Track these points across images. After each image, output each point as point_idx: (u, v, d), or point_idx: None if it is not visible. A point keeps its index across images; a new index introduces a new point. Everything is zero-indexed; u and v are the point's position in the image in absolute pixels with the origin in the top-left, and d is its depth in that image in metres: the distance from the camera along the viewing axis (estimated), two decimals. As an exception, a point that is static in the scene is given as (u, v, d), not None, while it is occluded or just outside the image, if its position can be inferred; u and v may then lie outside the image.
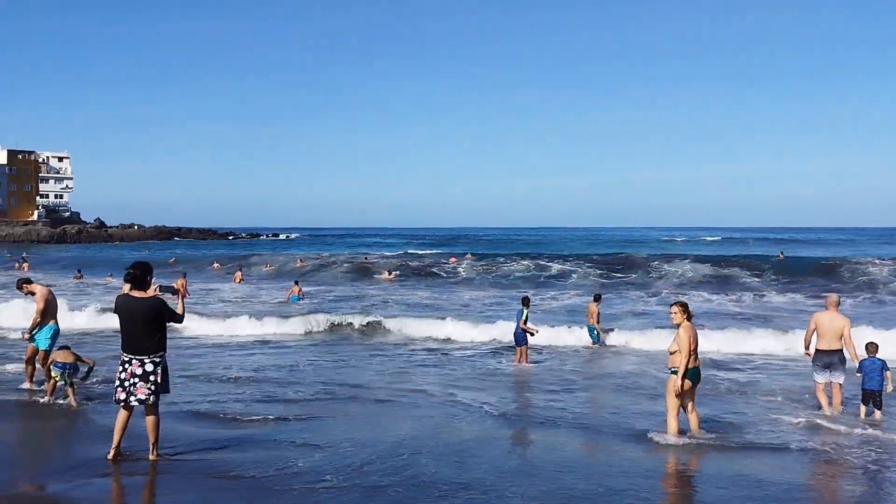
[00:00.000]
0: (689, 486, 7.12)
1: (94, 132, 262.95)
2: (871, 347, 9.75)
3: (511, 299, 25.18)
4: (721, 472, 7.27)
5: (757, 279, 30.98)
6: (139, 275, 7.08)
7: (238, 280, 33.74)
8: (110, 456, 7.19)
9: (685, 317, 8.33)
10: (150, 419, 7.17)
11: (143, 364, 7.01)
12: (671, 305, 8.62)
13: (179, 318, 7.30)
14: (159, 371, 7.07)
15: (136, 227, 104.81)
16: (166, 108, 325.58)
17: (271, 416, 9.31)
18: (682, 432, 8.32)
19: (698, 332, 8.66)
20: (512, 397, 11.00)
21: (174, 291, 7.46)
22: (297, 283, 27.47)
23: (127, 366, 7.06)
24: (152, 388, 7.02)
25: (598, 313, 16.06)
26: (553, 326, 17.10)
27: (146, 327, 6.98)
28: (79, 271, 36.25)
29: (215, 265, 43.16)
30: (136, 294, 7.07)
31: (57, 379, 9.79)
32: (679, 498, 6.85)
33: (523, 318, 13.59)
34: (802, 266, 31.64)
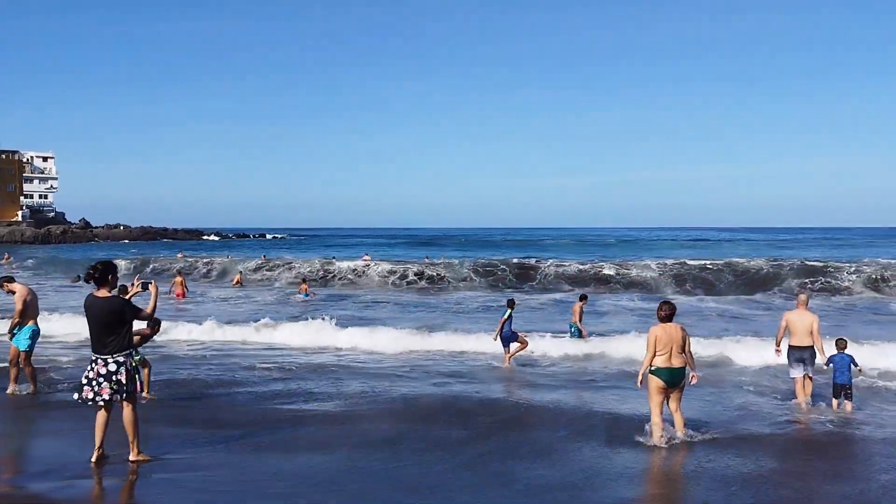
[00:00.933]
0: (667, 484, 7.20)
1: (79, 132, 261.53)
2: (841, 343, 10.26)
3: (499, 298, 25.31)
4: (702, 470, 7.34)
5: (740, 280, 31.09)
6: (98, 276, 7.04)
7: (237, 282, 33.26)
8: (93, 458, 7.15)
9: (661, 316, 8.40)
10: (125, 418, 7.12)
11: (106, 364, 6.98)
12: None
13: (146, 317, 7.24)
14: (123, 371, 7.00)
15: (121, 228, 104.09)
16: (160, 109, 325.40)
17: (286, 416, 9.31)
18: (667, 430, 8.36)
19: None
20: (513, 395, 11.05)
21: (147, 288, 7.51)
22: (304, 281, 29.19)
23: (93, 365, 7.05)
24: (115, 387, 6.97)
25: (582, 312, 16.14)
26: (542, 331, 17.13)
27: (108, 327, 6.95)
28: (79, 277, 34.96)
29: (179, 255, 43.98)
30: (99, 294, 7.05)
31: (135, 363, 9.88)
32: (657, 496, 6.93)
33: (505, 316, 13.67)
34: (786, 267, 31.76)
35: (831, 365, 10.10)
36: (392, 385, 11.62)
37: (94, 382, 7.01)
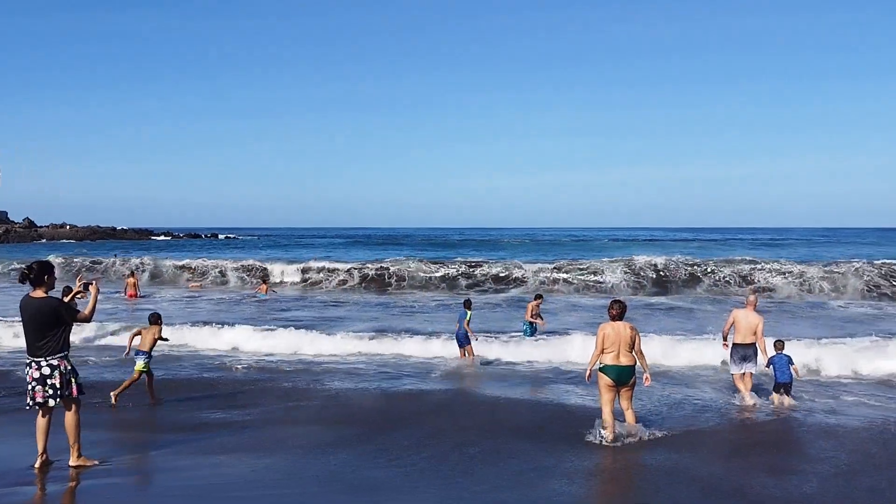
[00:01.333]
0: (617, 481, 7.35)
1: (29, 130, 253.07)
2: (779, 345, 10.84)
3: (455, 298, 25.45)
4: (652, 466, 7.53)
5: (691, 280, 31.78)
6: (34, 276, 6.86)
7: (193, 287, 32.55)
8: (37, 464, 6.99)
9: (611, 314, 8.58)
10: (66, 421, 6.97)
11: (39, 367, 6.81)
12: None
13: (85, 318, 7.06)
14: (57, 375, 6.82)
15: (67, 227, 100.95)
16: (119, 108, 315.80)
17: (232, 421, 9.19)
18: (618, 427, 8.49)
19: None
20: (459, 390, 11.13)
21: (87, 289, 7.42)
22: (265, 281, 29.26)
23: (28, 368, 6.90)
24: (50, 391, 6.80)
25: (535, 310, 16.35)
26: (497, 331, 17.23)
27: (41, 329, 6.78)
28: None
29: (115, 259, 42.12)
30: (35, 294, 6.88)
31: (141, 368, 10.29)
32: (607, 493, 7.09)
33: (467, 319, 13.78)
34: (727, 265, 32.50)
35: (772, 366, 10.57)
36: (351, 386, 11.61)
37: (28, 386, 6.86)
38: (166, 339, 11.22)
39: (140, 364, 10.25)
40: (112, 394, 10.06)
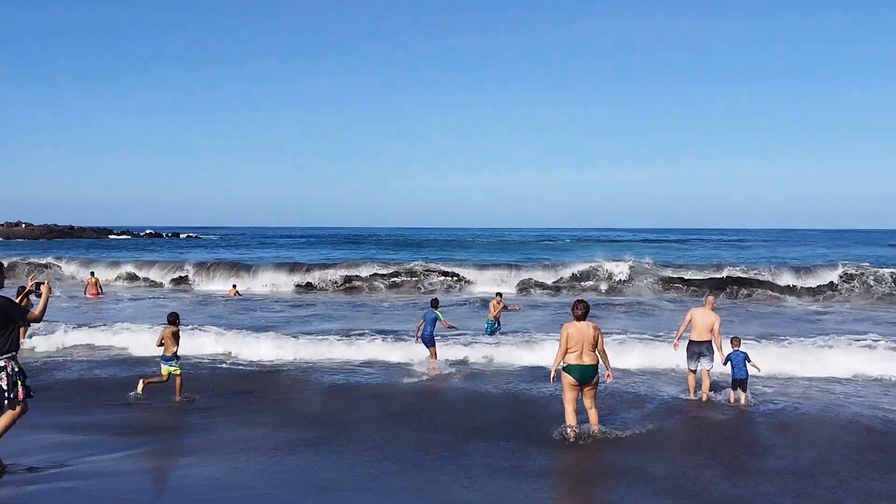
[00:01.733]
0: (580, 481, 7.45)
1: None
2: (735, 342, 11.12)
3: (419, 299, 25.46)
4: (613, 466, 7.64)
5: (653, 279, 32.30)
6: None
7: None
8: (-10, 469, 6.84)
9: (576, 315, 8.68)
10: (3, 417, 6.78)
11: None
12: None
13: (35, 318, 6.88)
14: (3, 376, 6.65)
15: (23, 226, 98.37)
16: (82, 104, 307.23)
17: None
18: (581, 427, 8.58)
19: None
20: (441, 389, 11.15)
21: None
22: (234, 286, 29.69)
23: None
24: None
25: (500, 307, 16.51)
26: (462, 330, 17.27)
27: None
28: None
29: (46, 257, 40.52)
30: None
31: (175, 372, 10.44)
32: (569, 492, 7.18)
33: (442, 318, 13.84)
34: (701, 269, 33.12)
35: (729, 362, 10.80)
36: (316, 386, 11.58)
37: None
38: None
39: (175, 368, 10.49)
40: (176, 398, 10.47)
